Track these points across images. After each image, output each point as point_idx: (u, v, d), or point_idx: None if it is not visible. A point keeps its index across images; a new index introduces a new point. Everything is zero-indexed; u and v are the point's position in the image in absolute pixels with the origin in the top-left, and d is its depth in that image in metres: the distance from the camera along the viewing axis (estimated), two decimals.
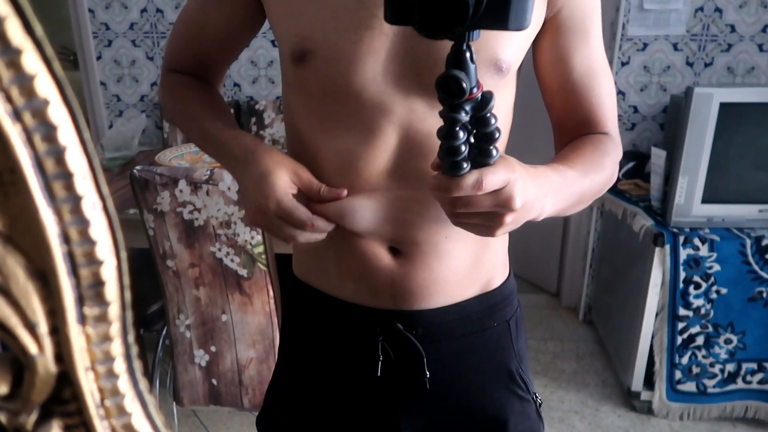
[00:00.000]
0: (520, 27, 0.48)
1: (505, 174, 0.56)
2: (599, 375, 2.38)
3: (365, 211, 0.72)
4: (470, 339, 0.79)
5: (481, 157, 0.56)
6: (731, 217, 1.96)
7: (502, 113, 0.73)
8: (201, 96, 0.85)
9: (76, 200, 0.19)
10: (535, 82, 0.80)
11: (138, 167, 1.45)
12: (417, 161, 0.70)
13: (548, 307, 2.91)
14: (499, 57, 0.68)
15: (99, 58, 2.70)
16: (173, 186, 1.44)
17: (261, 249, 1.52)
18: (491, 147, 0.55)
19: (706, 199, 1.93)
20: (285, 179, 0.69)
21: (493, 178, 0.55)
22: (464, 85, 0.49)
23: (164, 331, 1.82)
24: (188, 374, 1.70)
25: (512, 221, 0.59)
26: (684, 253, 1.93)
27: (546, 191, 0.62)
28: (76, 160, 0.19)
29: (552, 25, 0.74)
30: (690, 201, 1.93)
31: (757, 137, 1.89)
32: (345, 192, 0.72)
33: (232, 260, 1.55)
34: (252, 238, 1.51)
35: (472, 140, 0.55)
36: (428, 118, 0.69)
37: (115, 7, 2.62)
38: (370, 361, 0.78)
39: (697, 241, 1.91)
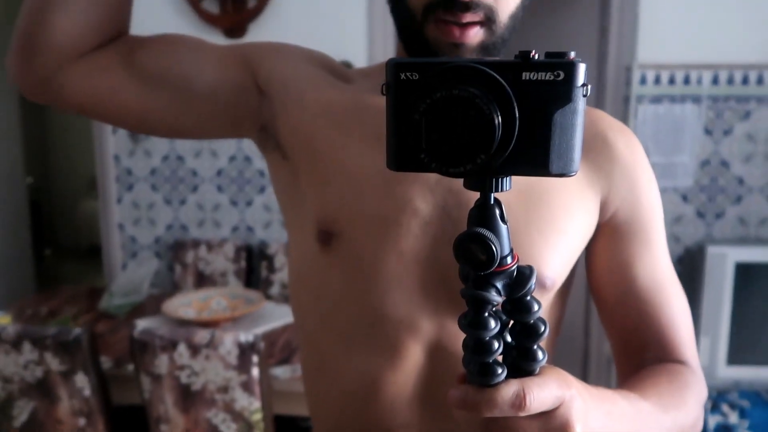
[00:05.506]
0: (565, 171, 0.37)
1: (557, 389, 0.40)
2: None
3: None
4: None
5: (521, 361, 0.41)
6: (761, 380, 1.85)
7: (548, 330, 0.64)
8: None
9: None
10: None
11: (139, 329, 1.42)
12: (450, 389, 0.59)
13: None
14: (543, 272, 0.59)
15: (119, 201, 2.78)
16: (172, 349, 1.40)
17: (259, 416, 1.44)
18: (535, 346, 0.40)
19: (732, 361, 1.83)
20: None
21: (540, 394, 0.39)
22: (493, 246, 0.36)
23: None
24: None
25: None
26: (713, 421, 1.80)
27: (615, 421, 0.47)
28: None
29: (606, 230, 0.64)
30: (714, 362, 1.83)
31: None
32: None
33: (228, 427, 1.46)
34: (250, 404, 1.43)
35: (509, 339, 0.41)
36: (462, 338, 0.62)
37: (139, 153, 2.74)
38: None
39: (725, 408, 1.79)
